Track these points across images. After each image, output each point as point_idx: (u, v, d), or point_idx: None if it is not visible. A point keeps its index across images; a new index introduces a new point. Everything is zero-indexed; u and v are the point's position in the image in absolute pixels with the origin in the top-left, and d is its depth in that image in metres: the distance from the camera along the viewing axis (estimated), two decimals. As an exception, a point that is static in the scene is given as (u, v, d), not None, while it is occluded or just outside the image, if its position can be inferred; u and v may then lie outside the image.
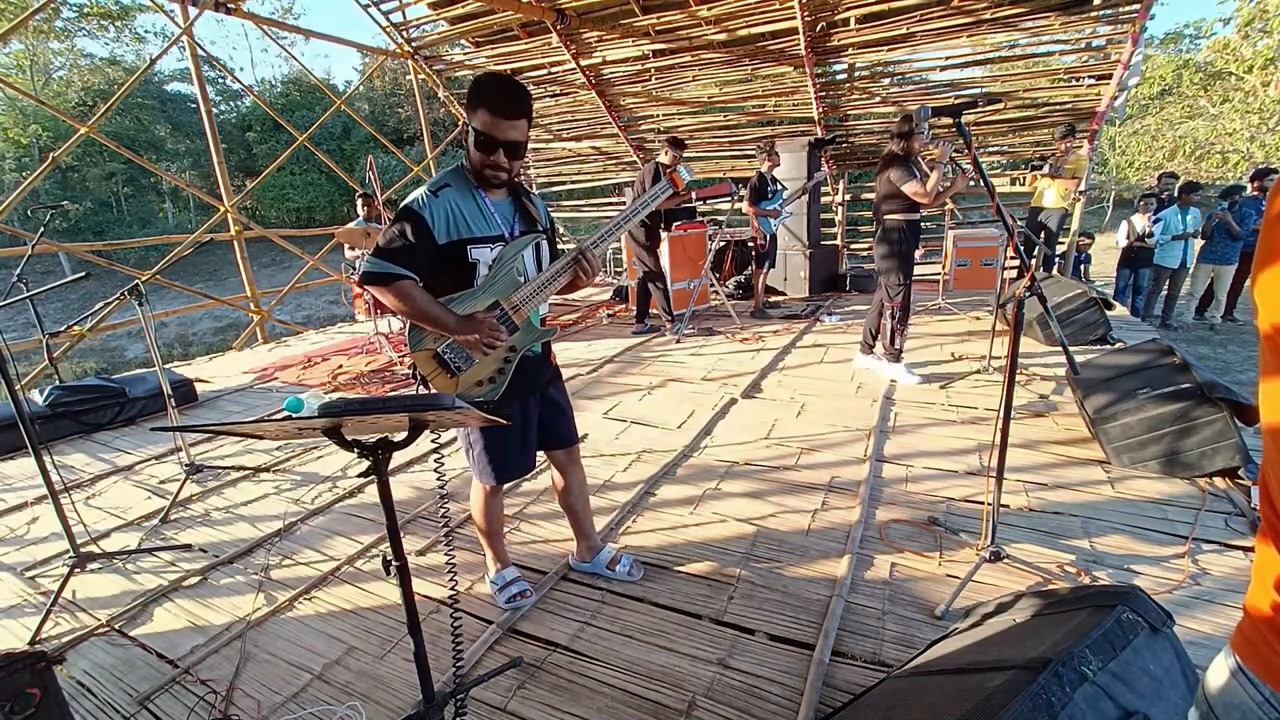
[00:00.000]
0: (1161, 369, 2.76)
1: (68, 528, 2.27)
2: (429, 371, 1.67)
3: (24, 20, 5.76)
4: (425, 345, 1.65)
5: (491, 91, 1.57)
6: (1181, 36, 20.03)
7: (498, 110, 1.56)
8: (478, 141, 1.59)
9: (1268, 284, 0.57)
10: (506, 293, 1.70)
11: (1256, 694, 0.61)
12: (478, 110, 1.57)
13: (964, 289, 6.44)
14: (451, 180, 1.66)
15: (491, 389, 1.71)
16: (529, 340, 1.76)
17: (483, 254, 1.67)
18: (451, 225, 1.62)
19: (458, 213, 1.64)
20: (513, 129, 1.59)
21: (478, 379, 1.70)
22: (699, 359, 4.87)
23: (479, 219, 1.67)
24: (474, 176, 1.68)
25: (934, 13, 5.98)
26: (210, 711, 1.68)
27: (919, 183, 3.59)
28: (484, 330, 1.62)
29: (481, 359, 1.69)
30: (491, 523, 2.03)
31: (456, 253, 1.64)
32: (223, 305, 6.95)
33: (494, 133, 1.58)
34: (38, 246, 3.45)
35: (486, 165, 1.63)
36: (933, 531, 2.33)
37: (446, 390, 1.68)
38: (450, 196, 1.63)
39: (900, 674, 1.44)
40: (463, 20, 7.39)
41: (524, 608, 2.02)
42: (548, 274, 1.73)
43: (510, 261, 1.70)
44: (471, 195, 1.68)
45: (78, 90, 23.14)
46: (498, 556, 2.09)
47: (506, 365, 1.72)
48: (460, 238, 1.64)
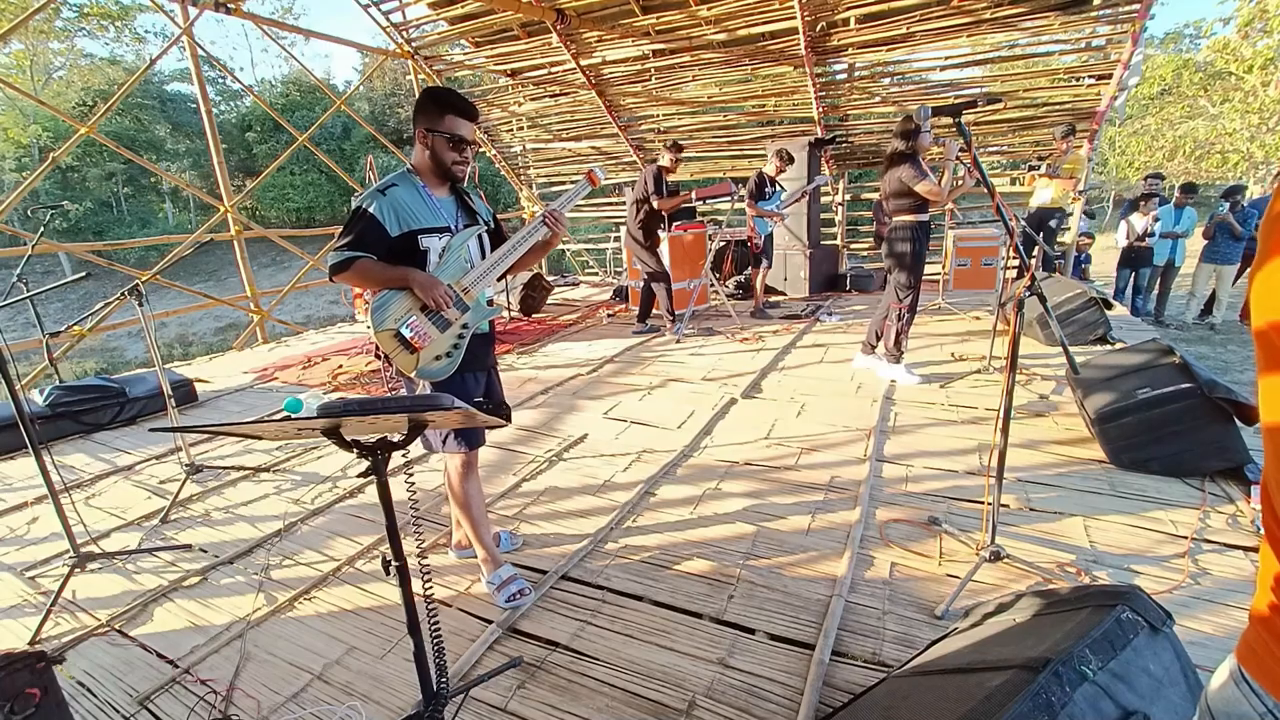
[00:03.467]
0: (1161, 369, 2.76)
1: (68, 528, 2.27)
2: (391, 350, 1.83)
3: (24, 20, 5.76)
4: (386, 326, 1.80)
5: (457, 100, 1.85)
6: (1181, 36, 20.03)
7: (464, 114, 1.85)
8: (451, 141, 1.84)
9: (1263, 283, 0.57)
10: (457, 277, 1.89)
11: (1259, 704, 0.60)
12: (445, 116, 1.83)
13: (964, 289, 6.44)
14: (398, 181, 1.87)
15: (449, 362, 1.90)
16: (478, 318, 1.94)
17: (432, 243, 1.87)
18: (402, 218, 1.82)
19: (406, 208, 1.84)
20: (473, 130, 1.89)
21: (435, 354, 1.87)
22: (699, 359, 4.87)
23: (426, 212, 1.87)
24: (436, 174, 1.90)
25: (934, 13, 5.98)
26: (210, 711, 1.68)
27: (932, 181, 3.58)
28: (440, 290, 1.81)
29: (437, 336, 1.85)
30: (473, 502, 2.07)
31: (409, 243, 1.84)
32: (223, 305, 6.95)
33: (464, 133, 1.85)
34: (38, 246, 3.45)
35: (457, 162, 1.87)
36: (933, 531, 2.33)
37: (408, 365, 1.85)
38: (397, 194, 1.84)
39: (900, 674, 1.44)
40: (463, 20, 7.39)
41: (524, 606, 2.03)
42: (500, 253, 1.95)
43: (458, 250, 1.91)
44: (418, 192, 1.88)
45: (78, 90, 23.13)
46: (490, 556, 2.11)
47: (460, 340, 1.91)
48: (411, 229, 1.84)
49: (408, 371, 1.86)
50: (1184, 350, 2.85)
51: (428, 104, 1.85)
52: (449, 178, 1.92)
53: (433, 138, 1.84)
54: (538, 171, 10.15)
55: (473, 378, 2.02)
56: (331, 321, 8.57)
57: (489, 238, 2.03)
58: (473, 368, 1.99)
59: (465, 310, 1.90)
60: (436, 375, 1.88)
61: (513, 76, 8.54)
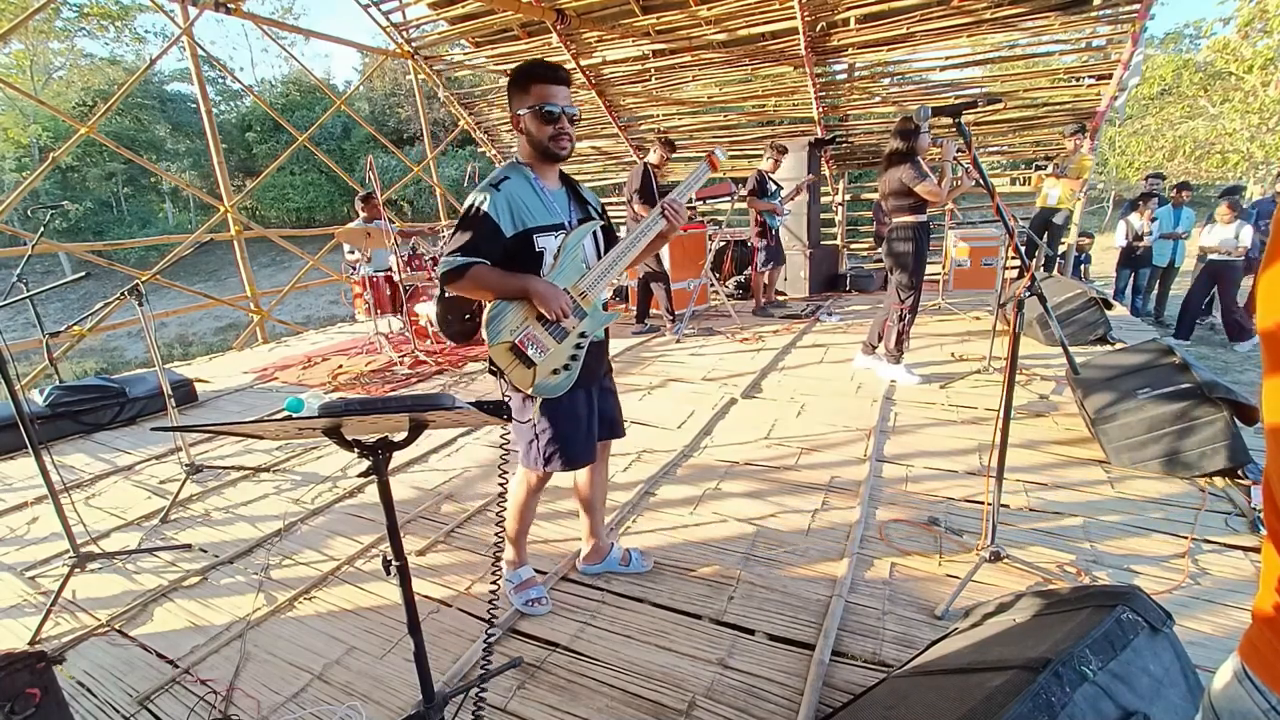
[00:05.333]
0: (1161, 369, 2.76)
1: (68, 528, 2.26)
2: (506, 364, 1.67)
3: (24, 20, 5.76)
4: (502, 338, 1.66)
5: (541, 67, 1.65)
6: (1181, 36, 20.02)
7: (552, 79, 1.65)
8: (542, 114, 1.65)
9: (1272, 283, 0.57)
10: (573, 280, 1.72)
11: (1263, 701, 0.60)
12: (532, 88, 1.64)
13: (964, 289, 6.45)
14: (510, 174, 1.70)
15: (566, 376, 1.73)
16: (596, 325, 1.77)
17: (548, 242, 1.70)
18: (516, 216, 1.66)
19: (520, 204, 1.67)
20: (567, 96, 1.68)
21: (553, 367, 1.71)
22: (699, 359, 4.86)
23: (540, 208, 1.71)
24: (542, 158, 1.73)
25: (934, 13, 5.98)
26: (210, 711, 1.68)
27: (932, 182, 3.58)
28: (563, 300, 1.65)
29: (555, 347, 1.69)
30: (525, 520, 2.02)
31: (524, 244, 1.68)
32: (223, 305, 6.95)
33: (558, 100, 1.65)
34: (38, 246, 3.45)
35: (554, 135, 1.68)
36: (933, 531, 2.33)
37: (524, 381, 1.69)
38: (510, 188, 1.67)
39: (900, 674, 1.44)
40: (463, 20, 7.39)
41: (538, 614, 2.00)
42: (616, 252, 1.77)
43: (574, 249, 1.73)
44: (530, 185, 1.72)
45: (78, 90, 23.14)
46: (518, 558, 2.07)
47: (578, 351, 1.75)
48: (526, 227, 1.67)
49: (524, 388, 1.70)
50: (1184, 350, 2.85)
51: (513, 84, 1.68)
52: (552, 157, 1.72)
53: (524, 117, 1.67)
54: (538, 171, 10.14)
55: (584, 395, 1.83)
56: (331, 321, 8.57)
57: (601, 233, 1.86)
58: (586, 383, 1.82)
59: (583, 317, 1.73)
60: (554, 391, 1.72)
61: (513, 76, 8.53)
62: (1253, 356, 6.57)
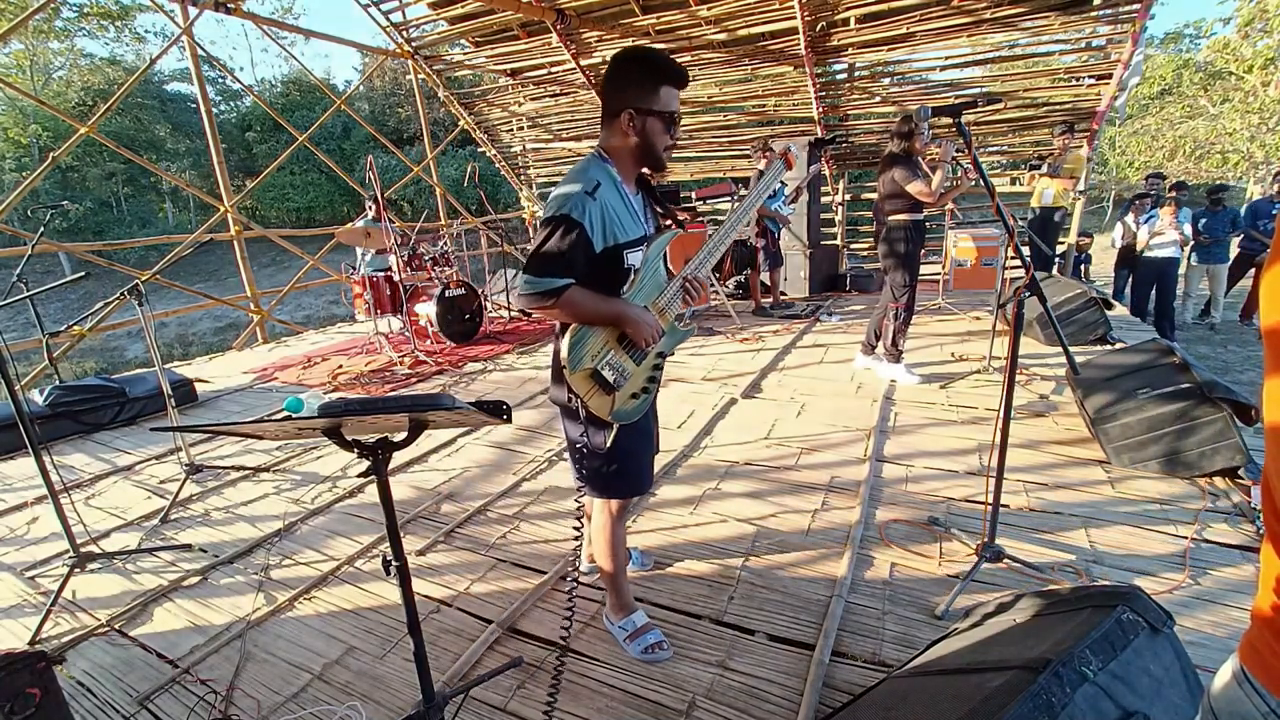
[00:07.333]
0: (1161, 369, 2.76)
1: (68, 528, 2.27)
2: (586, 391, 1.51)
3: (24, 20, 5.76)
4: (584, 365, 1.50)
5: (674, 68, 1.44)
6: (1181, 36, 20.05)
7: (679, 83, 1.46)
8: (668, 119, 1.46)
9: (1275, 282, 0.56)
10: (653, 297, 1.57)
11: (1262, 704, 0.60)
12: (660, 89, 1.43)
13: (964, 289, 6.44)
14: (602, 178, 1.47)
15: (645, 399, 1.61)
16: (674, 343, 1.64)
17: (635, 257, 1.55)
18: (608, 230, 1.46)
19: (612, 214, 1.47)
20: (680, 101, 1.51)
21: (632, 392, 1.57)
22: (699, 359, 4.87)
23: (629, 220, 1.53)
24: (640, 160, 1.53)
25: (934, 13, 5.99)
26: (210, 711, 1.68)
27: (923, 182, 3.59)
28: (656, 328, 1.53)
29: (634, 370, 1.56)
30: (620, 555, 1.80)
31: (611, 260, 1.49)
32: (223, 305, 6.95)
33: (677, 108, 1.47)
34: (38, 246, 3.45)
35: (669, 146, 1.51)
36: (933, 531, 2.33)
37: (603, 408, 1.53)
38: (604, 196, 1.45)
39: (900, 674, 1.43)
40: (463, 20, 7.38)
41: (662, 659, 1.77)
42: (695, 262, 1.61)
43: (655, 263, 1.58)
44: (619, 192, 1.51)
45: (78, 90, 23.13)
46: (622, 600, 1.84)
47: (656, 373, 1.62)
48: (617, 243, 1.48)
49: (604, 415, 1.54)
50: (1184, 350, 2.85)
51: (636, 73, 1.44)
52: (657, 165, 1.53)
53: (646, 119, 1.44)
54: (537, 171, 10.15)
55: (651, 414, 1.70)
56: (331, 321, 8.57)
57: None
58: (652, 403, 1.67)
59: (660, 335, 1.57)
60: (632, 416, 1.58)
61: (513, 76, 8.54)
62: (1253, 357, 6.58)
